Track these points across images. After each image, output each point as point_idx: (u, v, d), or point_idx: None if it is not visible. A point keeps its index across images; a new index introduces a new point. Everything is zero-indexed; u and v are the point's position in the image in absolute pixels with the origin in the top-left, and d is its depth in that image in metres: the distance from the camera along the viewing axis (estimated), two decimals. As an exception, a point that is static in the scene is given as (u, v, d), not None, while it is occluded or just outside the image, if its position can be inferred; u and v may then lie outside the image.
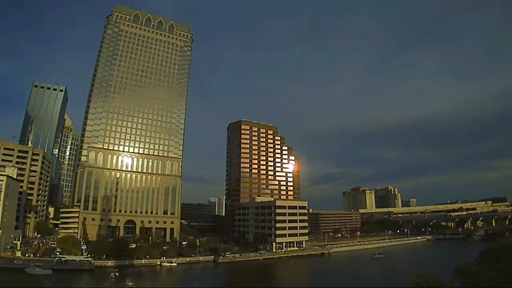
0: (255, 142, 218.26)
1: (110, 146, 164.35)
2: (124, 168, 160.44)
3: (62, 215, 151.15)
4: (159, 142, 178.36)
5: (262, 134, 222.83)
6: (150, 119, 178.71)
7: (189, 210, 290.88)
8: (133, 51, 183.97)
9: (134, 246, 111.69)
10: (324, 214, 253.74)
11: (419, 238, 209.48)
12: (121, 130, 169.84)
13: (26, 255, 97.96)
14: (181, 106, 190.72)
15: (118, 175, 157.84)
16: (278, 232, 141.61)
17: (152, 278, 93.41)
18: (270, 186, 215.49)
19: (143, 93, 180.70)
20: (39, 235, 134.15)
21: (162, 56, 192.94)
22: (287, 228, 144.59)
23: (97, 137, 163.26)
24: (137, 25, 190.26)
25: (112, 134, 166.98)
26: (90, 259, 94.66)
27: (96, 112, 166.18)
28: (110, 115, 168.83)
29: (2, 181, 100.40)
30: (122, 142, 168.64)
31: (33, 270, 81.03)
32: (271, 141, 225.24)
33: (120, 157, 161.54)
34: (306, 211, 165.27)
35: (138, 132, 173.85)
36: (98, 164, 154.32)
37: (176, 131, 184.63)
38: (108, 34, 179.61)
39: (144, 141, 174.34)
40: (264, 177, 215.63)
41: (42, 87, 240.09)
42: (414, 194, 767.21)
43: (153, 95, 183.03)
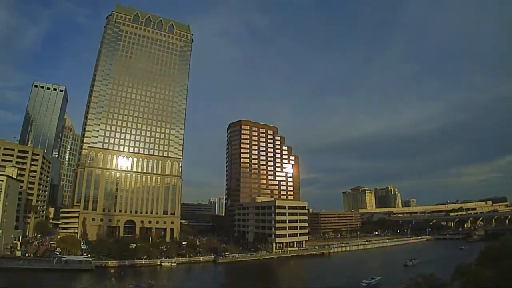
0: (255, 142, 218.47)
1: (110, 146, 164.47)
2: (124, 168, 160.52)
3: (62, 215, 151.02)
4: (159, 142, 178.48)
5: (262, 134, 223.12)
6: (150, 119, 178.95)
7: (189, 210, 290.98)
8: (133, 51, 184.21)
9: (134, 246, 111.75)
10: (324, 214, 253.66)
11: (419, 238, 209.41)
12: (121, 130, 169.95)
13: (26, 255, 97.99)
14: (181, 106, 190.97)
15: (118, 175, 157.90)
16: (278, 232, 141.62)
17: (152, 278, 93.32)
18: (270, 186, 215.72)
19: (143, 93, 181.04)
20: (39, 235, 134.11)
21: (162, 56, 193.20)
22: (287, 228, 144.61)
23: (97, 137, 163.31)
24: (137, 25, 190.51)
25: (112, 134, 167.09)
26: (90, 259, 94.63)
27: (96, 112, 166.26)
28: (110, 115, 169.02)
29: (2, 181, 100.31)
30: (122, 142, 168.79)
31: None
32: (271, 141, 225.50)
33: (120, 157, 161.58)
34: (306, 211, 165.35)
35: (138, 132, 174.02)
36: (98, 164, 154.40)
37: (176, 131, 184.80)
38: (108, 34, 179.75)
39: (144, 141, 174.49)
40: (264, 177, 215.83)
41: (42, 87, 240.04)
42: (414, 194, 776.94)
43: (153, 95, 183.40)
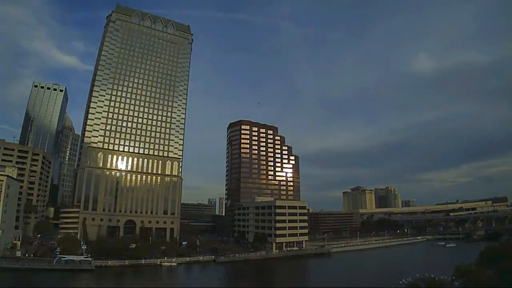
0: (255, 142, 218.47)
1: (110, 146, 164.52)
2: (124, 168, 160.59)
3: (62, 215, 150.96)
4: (159, 142, 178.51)
5: (262, 134, 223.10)
6: (150, 119, 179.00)
7: (189, 210, 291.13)
8: (133, 51, 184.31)
9: (134, 246, 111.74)
10: (324, 214, 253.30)
11: (419, 238, 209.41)
12: (121, 130, 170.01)
13: (26, 255, 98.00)
14: (181, 106, 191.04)
15: (118, 175, 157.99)
16: (278, 232, 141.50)
17: (152, 278, 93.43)
18: (270, 186, 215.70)
19: (143, 93, 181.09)
20: (39, 235, 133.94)
21: (162, 56, 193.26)
22: (287, 228, 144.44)
23: (97, 137, 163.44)
24: (137, 25, 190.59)
25: (112, 134, 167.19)
26: (90, 259, 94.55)
27: (96, 112, 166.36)
28: (110, 115, 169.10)
29: (2, 181, 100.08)
30: (122, 142, 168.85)
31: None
32: (271, 141, 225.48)
33: (120, 157, 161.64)
34: (306, 211, 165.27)
35: (138, 132, 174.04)
36: (98, 164, 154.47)
37: (176, 131, 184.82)
38: (108, 34, 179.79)
39: (144, 141, 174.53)
40: (264, 177, 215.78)
41: (42, 87, 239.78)
42: (414, 194, 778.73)
43: (153, 95, 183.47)
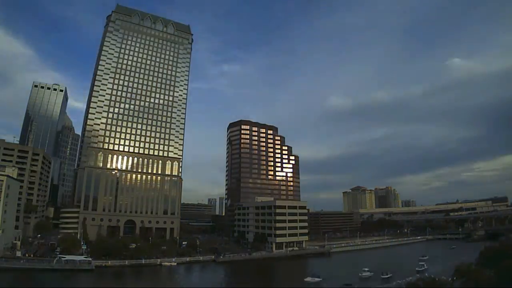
0: (255, 142, 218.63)
1: (110, 146, 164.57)
2: (124, 168, 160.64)
3: (62, 215, 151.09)
4: (159, 142, 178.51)
5: (262, 134, 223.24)
6: (150, 119, 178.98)
7: (189, 210, 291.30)
8: (133, 51, 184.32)
9: (134, 246, 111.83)
10: (324, 214, 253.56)
11: (419, 238, 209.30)
12: (121, 130, 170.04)
13: (26, 255, 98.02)
14: (181, 106, 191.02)
15: (118, 175, 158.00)
16: (278, 232, 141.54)
17: (152, 278, 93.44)
18: (270, 186, 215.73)
19: (143, 93, 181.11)
20: (39, 235, 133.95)
21: (162, 56, 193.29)
22: (287, 228, 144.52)
23: (97, 137, 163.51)
24: (137, 25, 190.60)
25: (112, 134, 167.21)
26: (90, 259, 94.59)
27: (96, 112, 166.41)
28: (110, 115, 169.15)
29: (2, 181, 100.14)
30: (122, 142, 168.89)
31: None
32: (271, 141, 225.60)
33: (120, 157, 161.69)
34: (306, 211, 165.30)
35: (138, 132, 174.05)
36: (98, 164, 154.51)
37: (176, 131, 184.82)
38: (108, 34, 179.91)
39: (144, 141, 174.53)
40: (264, 177, 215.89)
41: (42, 87, 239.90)
42: (414, 194, 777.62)
43: (153, 95, 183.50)
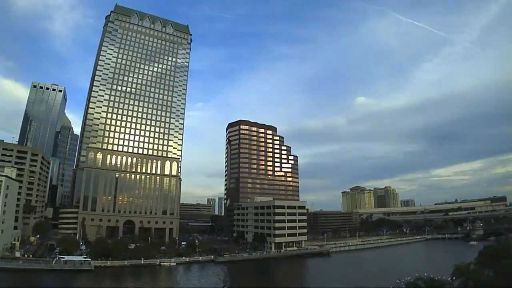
0: (254, 142, 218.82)
1: (110, 146, 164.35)
2: (123, 168, 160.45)
3: (61, 215, 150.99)
4: (159, 142, 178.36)
5: (261, 134, 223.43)
6: (149, 119, 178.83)
7: (188, 210, 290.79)
8: (132, 51, 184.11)
9: (133, 246, 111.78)
10: (323, 214, 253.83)
11: (418, 237, 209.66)
12: (120, 130, 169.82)
13: (25, 255, 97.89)
14: (180, 106, 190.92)
15: (117, 175, 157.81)
16: (277, 232, 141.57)
17: (151, 278, 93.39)
18: (269, 186, 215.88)
19: (142, 93, 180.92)
20: (38, 236, 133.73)
21: (162, 56, 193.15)
22: (286, 228, 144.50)
23: (96, 137, 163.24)
24: (136, 25, 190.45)
25: (111, 134, 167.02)
26: (89, 260, 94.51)
27: (95, 112, 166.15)
28: (109, 115, 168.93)
29: (1, 181, 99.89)
30: (121, 142, 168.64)
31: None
32: (270, 141, 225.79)
33: (119, 157, 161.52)
34: (305, 211, 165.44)
35: (137, 132, 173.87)
36: (98, 164, 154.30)
37: (175, 131, 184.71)
38: (107, 34, 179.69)
39: (143, 141, 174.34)
40: (263, 177, 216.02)
41: (41, 87, 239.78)
42: (414, 194, 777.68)
43: (152, 95, 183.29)
